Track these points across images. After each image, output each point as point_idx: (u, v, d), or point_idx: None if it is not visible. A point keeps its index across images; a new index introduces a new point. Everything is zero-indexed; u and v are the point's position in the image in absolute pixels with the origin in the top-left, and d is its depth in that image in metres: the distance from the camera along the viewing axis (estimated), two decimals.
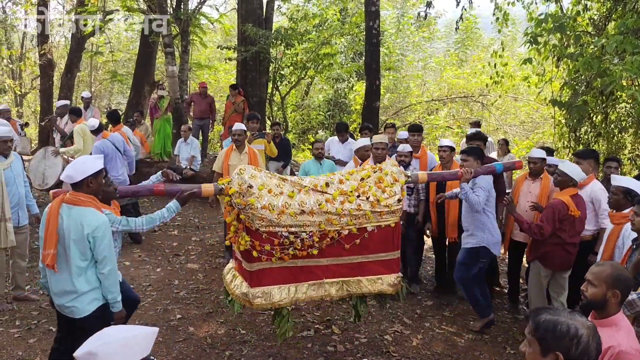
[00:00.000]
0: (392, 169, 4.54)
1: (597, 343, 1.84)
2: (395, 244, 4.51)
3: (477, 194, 5.13)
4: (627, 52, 6.06)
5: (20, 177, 5.58)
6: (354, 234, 4.31)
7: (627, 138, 10.17)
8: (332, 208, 4.18)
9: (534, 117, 16.87)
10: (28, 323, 5.28)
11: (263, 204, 4.02)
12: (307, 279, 4.33)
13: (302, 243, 4.17)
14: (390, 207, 4.33)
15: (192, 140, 10.24)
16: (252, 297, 4.17)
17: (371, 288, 4.46)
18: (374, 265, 4.45)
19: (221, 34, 20.84)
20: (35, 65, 19.07)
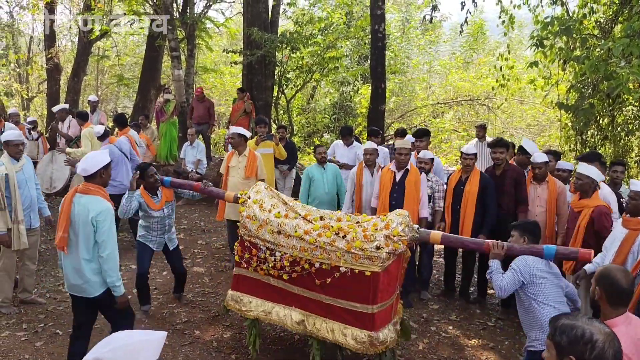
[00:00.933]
0: (396, 217, 4.17)
1: (615, 350, 1.82)
2: (371, 297, 4.03)
3: (501, 277, 3.83)
4: (633, 55, 6.05)
5: (32, 180, 5.65)
6: (326, 271, 4.16)
7: (634, 141, 10.13)
8: (307, 237, 4.22)
9: (540, 120, 16.83)
10: (35, 326, 5.30)
11: (248, 214, 4.52)
12: (277, 300, 4.52)
13: (275, 262, 4.37)
14: (365, 252, 3.98)
15: (198, 144, 10.27)
16: (230, 297, 4.73)
17: (337, 338, 4.17)
18: (343, 313, 4.15)
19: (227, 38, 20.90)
20: (42, 69, 19.18)
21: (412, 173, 5.91)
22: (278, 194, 4.73)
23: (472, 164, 6.16)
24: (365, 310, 4.06)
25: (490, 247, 3.94)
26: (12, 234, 5.38)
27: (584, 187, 4.88)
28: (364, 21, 14.14)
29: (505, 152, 6.05)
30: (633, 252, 4.07)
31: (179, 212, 10.01)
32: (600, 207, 4.77)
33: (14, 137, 5.50)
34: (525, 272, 3.69)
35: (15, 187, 5.35)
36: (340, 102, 17.73)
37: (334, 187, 7.02)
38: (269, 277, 4.51)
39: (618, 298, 2.56)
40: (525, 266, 3.71)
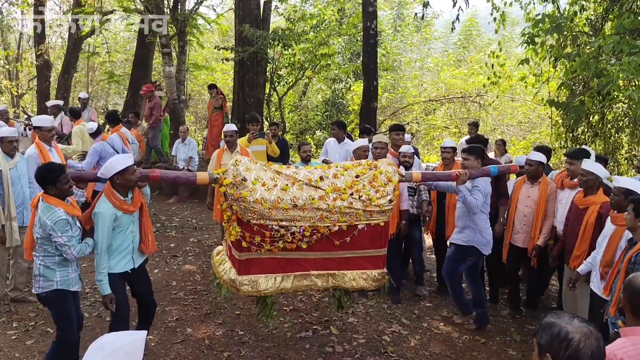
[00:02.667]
0: (387, 168, 4.51)
1: (592, 350, 1.81)
2: (383, 241, 4.52)
3: (475, 197, 5.05)
4: (624, 52, 6.07)
5: (25, 177, 5.62)
6: (344, 231, 4.32)
7: (624, 138, 10.21)
8: (324, 205, 4.19)
9: (531, 117, 16.89)
10: (25, 325, 5.27)
11: (256, 198, 4.07)
12: (294, 270, 4.42)
13: (293, 237, 4.23)
14: (381, 207, 4.32)
15: (189, 141, 10.25)
16: (240, 284, 4.31)
17: (355, 284, 4.49)
18: (360, 260, 4.49)
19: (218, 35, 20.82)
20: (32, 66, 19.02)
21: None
22: (265, 165, 4.43)
23: (451, 157, 6.30)
24: (379, 253, 4.53)
25: (458, 175, 4.88)
26: (4, 231, 5.37)
27: (588, 184, 4.85)
28: (356, 18, 14.15)
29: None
30: (621, 247, 4.10)
31: (170, 209, 9.99)
32: (607, 204, 4.69)
33: (8, 134, 5.48)
34: (485, 191, 5.15)
35: (8, 184, 5.33)
36: (333, 99, 17.73)
37: None
38: (284, 252, 4.32)
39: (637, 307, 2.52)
40: (486, 186, 5.17)
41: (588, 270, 4.52)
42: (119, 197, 4.14)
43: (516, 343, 5.30)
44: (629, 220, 3.75)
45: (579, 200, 4.99)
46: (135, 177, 4.19)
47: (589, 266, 4.52)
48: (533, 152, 5.98)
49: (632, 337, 2.42)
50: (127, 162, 4.13)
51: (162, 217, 9.27)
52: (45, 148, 5.97)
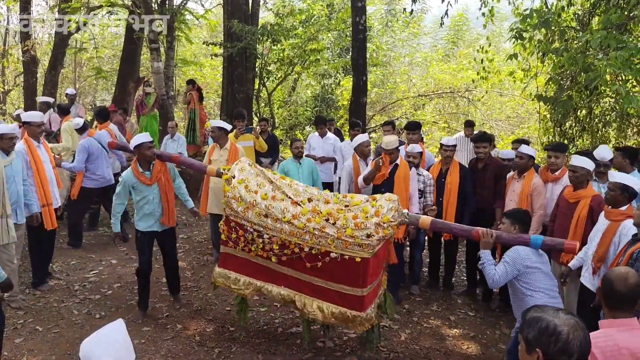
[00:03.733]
0: (386, 203, 4.19)
1: (580, 341, 1.83)
2: (360, 281, 4.14)
3: (494, 269, 3.93)
4: (611, 47, 6.11)
5: (20, 175, 5.58)
6: (316, 256, 4.21)
7: (611, 132, 10.29)
8: (295, 221, 4.21)
9: (520, 112, 16.97)
10: (14, 323, 5.23)
11: (234, 195, 4.50)
12: (266, 280, 4.55)
13: (264, 244, 4.39)
14: (356, 239, 4.05)
15: (179, 137, 10.18)
16: (217, 274, 4.78)
17: (320, 315, 4.29)
18: (333, 294, 4.26)
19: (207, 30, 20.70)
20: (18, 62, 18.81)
21: (401, 168, 5.74)
22: (263, 172, 4.66)
23: (452, 155, 6.25)
24: (355, 293, 4.16)
25: (480, 235, 4.00)
26: (1, 229, 5.29)
27: (580, 179, 4.86)
28: (345, 13, 14.11)
29: (488, 146, 6.10)
30: (614, 243, 4.10)
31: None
32: (599, 197, 4.75)
33: (7, 131, 5.44)
34: (518, 264, 3.84)
35: (3, 181, 5.27)
36: (322, 95, 17.71)
37: (309, 182, 6.79)
38: (258, 258, 4.51)
39: (615, 302, 2.52)
40: (518, 258, 3.84)
41: (579, 265, 4.54)
42: (139, 169, 5.19)
43: (506, 336, 5.33)
44: (637, 217, 3.73)
45: (569, 195, 4.98)
46: (151, 153, 5.17)
47: (580, 261, 4.54)
48: (524, 146, 6.01)
49: (606, 329, 2.47)
50: (142, 139, 5.19)
51: None
52: (34, 144, 5.94)
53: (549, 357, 1.85)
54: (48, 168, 6.06)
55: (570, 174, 4.95)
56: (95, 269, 6.80)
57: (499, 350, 5.08)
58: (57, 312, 5.51)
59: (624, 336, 2.42)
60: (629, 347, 2.37)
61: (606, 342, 2.37)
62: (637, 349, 2.37)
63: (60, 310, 5.56)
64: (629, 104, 5.98)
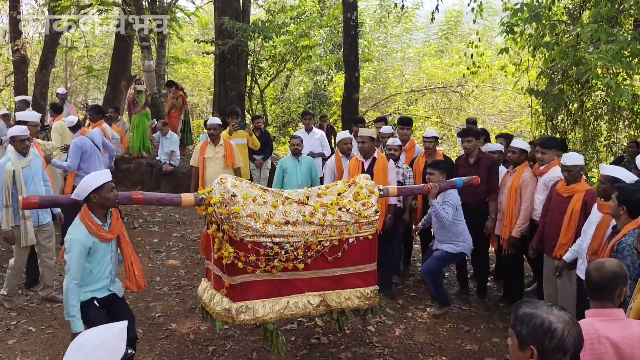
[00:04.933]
0: (367, 182, 4.58)
1: (574, 337, 1.83)
2: (372, 255, 4.55)
3: (446, 212, 5.20)
4: (601, 40, 6.13)
5: (39, 175, 5.58)
6: (335, 246, 4.34)
7: (603, 125, 10.34)
8: (315, 219, 4.20)
9: (512, 106, 17.04)
10: (7, 324, 5.20)
11: (249, 212, 3.95)
12: (290, 292, 4.26)
13: (287, 255, 4.11)
14: (369, 218, 4.40)
15: (171, 135, 10.16)
16: (236, 312, 4.04)
17: (350, 303, 4.46)
18: (352, 278, 4.47)
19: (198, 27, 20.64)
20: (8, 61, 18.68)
21: (379, 161, 5.87)
22: (250, 183, 4.45)
23: (433, 147, 6.40)
24: (370, 268, 4.54)
25: (430, 189, 4.85)
26: (19, 231, 5.32)
27: (576, 176, 4.88)
28: (337, 9, 14.09)
29: (473, 140, 6.09)
30: (607, 235, 4.13)
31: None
32: (592, 191, 4.78)
33: (19, 132, 5.41)
34: (456, 203, 5.35)
35: (21, 183, 5.28)
36: (315, 91, 17.70)
37: (308, 180, 6.79)
38: (280, 274, 4.18)
39: (593, 292, 2.57)
40: (454, 199, 5.34)
41: (574, 257, 4.56)
42: (96, 221, 3.77)
43: (499, 330, 5.36)
44: (613, 208, 3.77)
45: (562, 189, 4.99)
46: (114, 195, 3.80)
47: (574, 254, 4.56)
48: (515, 140, 6.06)
49: (588, 318, 2.52)
50: (103, 178, 3.75)
51: (145, 213, 9.20)
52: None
53: (544, 354, 1.84)
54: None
55: (565, 174, 4.94)
56: None
57: (493, 345, 5.10)
58: (50, 313, 5.49)
59: (604, 325, 2.45)
60: (609, 337, 2.40)
61: (586, 331, 2.39)
62: (619, 338, 2.40)
63: (54, 311, 5.53)
64: (620, 97, 6.01)
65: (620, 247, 3.64)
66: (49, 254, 5.73)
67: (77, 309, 3.67)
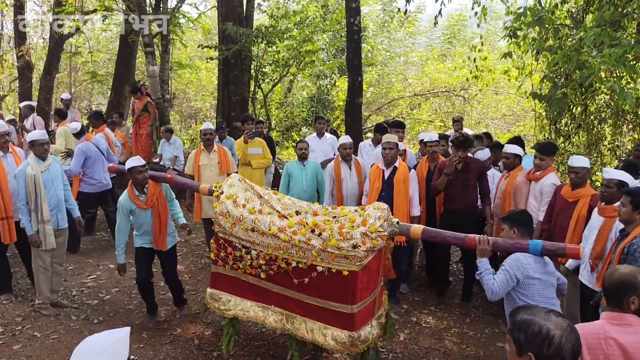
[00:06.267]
0: (373, 212, 3.97)
1: (572, 344, 1.83)
2: (349, 296, 3.90)
3: (494, 278, 3.62)
4: (605, 44, 6.12)
5: (59, 180, 5.61)
6: (303, 270, 4.05)
7: (607, 129, 10.31)
8: (282, 235, 4.07)
9: (515, 110, 17.00)
10: (12, 329, 5.22)
11: (221, 210, 4.41)
12: (257, 299, 4.44)
13: (252, 261, 4.31)
14: (342, 250, 3.83)
15: (174, 140, 10.17)
16: (209, 297, 4.67)
17: (310, 336, 4.09)
18: (323, 313, 4.04)
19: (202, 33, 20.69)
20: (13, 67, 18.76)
21: (400, 171, 5.73)
22: (253, 187, 4.56)
23: (438, 151, 6.26)
24: (345, 310, 3.92)
25: (475, 243, 3.72)
26: (39, 235, 5.36)
27: (583, 179, 4.86)
28: (340, 14, 14.10)
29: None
30: (611, 239, 4.11)
31: None
32: (597, 196, 4.73)
33: (39, 137, 5.44)
34: (519, 273, 3.52)
35: (41, 187, 5.32)
36: (318, 96, 17.71)
37: (313, 184, 6.74)
38: (247, 276, 4.40)
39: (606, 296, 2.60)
40: (519, 267, 3.53)
41: (577, 264, 4.55)
42: (134, 192, 5.05)
43: (504, 335, 5.33)
44: (625, 213, 3.74)
45: (568, 194, 4.97)
46: (142, 177, 5.00)
47: (576, 261, 4.54)
48: (508, 145, 6.01)
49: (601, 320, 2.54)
50: (133, 163, 5.01)
51: None
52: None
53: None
54: (13, 180, 5.56)
55: (572, 175, 4.91)
56: (93, 274, 6.79)
57: (497, 349, 5.09)
58: (55, 318, 5.50)
59: (613, 328, 2.46)
60: (617, 339, 2.42)
61: (595, 330, 2.42)
62: (628, 343, 2.40)
63: (59, 316, 5.54)
64: (624, 101, 6.00)
65: (632, 249, 3.64)
66: (59, 260, 5.77)
67: (122, 249, 5.20)
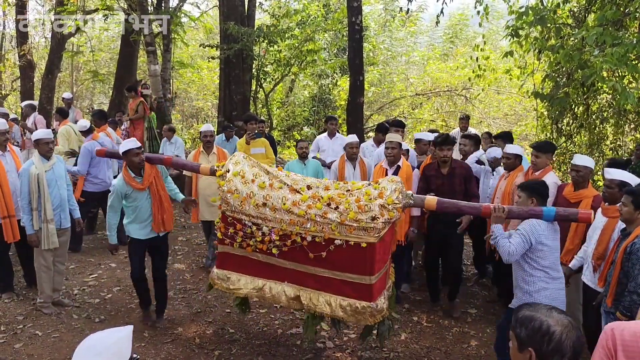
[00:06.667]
0: (389, 185, 4.07)
1: (573, 341, 1.83)
2: (368, 268, 3.98)
3: (510, 241, 3.83)
4: (607, 43, 6.11)
5: (62, 179, 5.63)
6: (320, 244, 4.04)
7: (609, 129, 10.30)
8: (295, 209, 4.04)
9: (517, 109, 16.99)
10: (14, 328, 5.22)
11: (229, 188, 4.32)
12: (268, 276, 4.36)
13: (263, 237, 4.21)
14: (360, 223, 3.89)
15: (176, 140, 10.17)
16: (216, 277, 4.57)
17: (328, 309, 4.11)
18: (341, 285, 4.07)
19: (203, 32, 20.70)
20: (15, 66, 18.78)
21: (403, 170, 5.70)
22: (259, 163, 4.51)
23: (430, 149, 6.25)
24: (364, 281, 4.01)
25: (491, 210, 3.91)
26: (41, 234, 5.37)
27: (584, 178, 4.85)
28: (341, 13, 14.11)
29: (452, 149, 5.80)
30: (613, 239, 4.10)
31: None
32: (600, 196, 4.71)
33: (44, 136, 5.46)
34: (533, 238, 3.75)
35: (44, 186, 5.33)
36: (319, 95, 17.71)
37: None
38: (256, 254, 4.29)
39: None
40: (533, 232, 3.75)
41: (580, 265, 4.53)
42: (130, 174, 4.96)
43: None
44: (627, 212, 3.73)
45: (570, 194, 4.95)
46: (140, 159, 4.94)
47: (580, 261, 4.53)
48: (509, 145, 6.01)
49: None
50: (130, 145, 4.95)
51: None
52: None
53: (542, 357, 1.84)
54: (12, 178, 5.62)
55: (573, 173, 4.92)
56: (95, 273, 6.79)
57: None
58: (56, 317, 5.50)
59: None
60: None
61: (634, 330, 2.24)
62: None
63: (60, 315, 5.55)
64: (626, 100, 5.98)
65: (634, 248, 3.64)
66: (61, 259, 5.78)
67: (113, 230, 5.16)
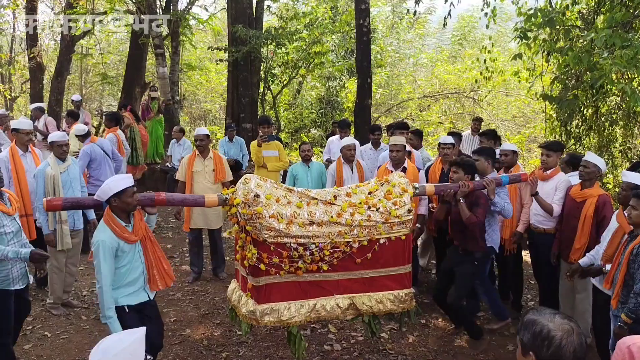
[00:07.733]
0: (400, 180, 4.41)
1: (574, 347, 1.82)
2: (406, 257, 4.36)
3: (506, 202, 4.95)
4: (616, 45, 6.07)
5: (77, 181, 5.69)
6: (365, 247, 4.18)
7: (618, 131, 10.22)
8: (341, 219, 4.06)
9: (526, 111, 16.92)
10: (23, 329, 5.23)
11: (271, 213, 3.89)
12: (317, 294, 4.16)
13: (312, 256, 4.02)
14: (401, 218, 4.21)
15: (184, 141, 10.22)
16: (260, 314, 3.97)
17: (382, 307, 4.28)
18: (385, 280, 4.30)
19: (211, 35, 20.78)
20: (24, 68, 18.96)
21: (409, 172, 5.75)
22: (274, 182, 4.30)
23: (451, 154, 6.15)
24: (404, 270, 4.35)
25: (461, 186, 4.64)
26: (56, 234, 5.43)
27: (590, 175, 4.85)
28: (349, 16, 14.12)
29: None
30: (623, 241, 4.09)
31: (166, 210, 9.96)
32: (604, 196, 4.77)
33: (58, 138, 5.55)
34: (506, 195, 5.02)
35: (59, 187, 5.39)
36: (327, 97, 17.71)
37: (319, 185, 6.66)
38: (306, 275, 4.12)
39: None
40: (505, 192, 5.03)
41: (590, 262, 4.50)
42: (119, 223, 3.75)
43: (514, 337, 5.30)
44: (636, 216, 3.71)
45: (576, 193, 4.98)
46: (135, 200, 3.81)
47: (591, 259, 4.50)
48: (506, 143, 6.07)
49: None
50: (125, 182, 3.74)
51: (159, 218, 9.25)
52: (19, 153, 5.75)
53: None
54: (31, 178, 5.64)
55: (581, 169, 4.94)
56: None
57: (507, 352, 5.06)
58: (65, 318, 5.54)
59: None
60: None
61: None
62: None
63: (69, 316, 5.58)
64: (635, 103, 5.95)
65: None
66: (74, 260, 5.84)
67: (113, 311, 3.69)
